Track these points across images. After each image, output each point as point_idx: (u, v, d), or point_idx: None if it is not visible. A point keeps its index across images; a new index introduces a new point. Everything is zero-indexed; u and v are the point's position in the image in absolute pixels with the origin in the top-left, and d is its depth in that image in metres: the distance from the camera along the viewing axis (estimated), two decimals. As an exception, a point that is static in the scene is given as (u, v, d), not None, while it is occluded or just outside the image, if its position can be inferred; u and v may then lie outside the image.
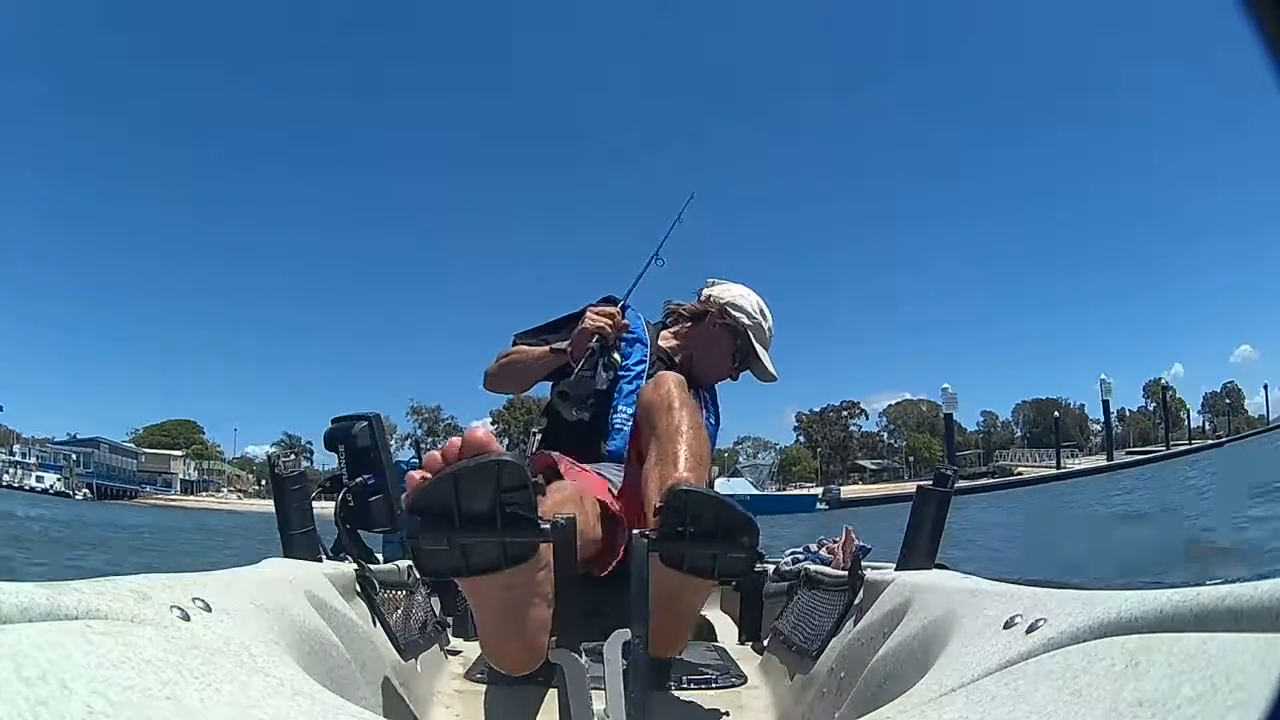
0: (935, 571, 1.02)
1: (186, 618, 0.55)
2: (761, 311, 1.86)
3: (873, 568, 1.18)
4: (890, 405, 63.62)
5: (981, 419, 64.61)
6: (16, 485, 45.05)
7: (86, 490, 48.40)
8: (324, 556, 1.14)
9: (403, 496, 0.80)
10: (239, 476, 61.17)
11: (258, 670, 0.52)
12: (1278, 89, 0.35)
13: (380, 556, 1.35)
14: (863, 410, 62.35)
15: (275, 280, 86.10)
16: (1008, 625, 0.61)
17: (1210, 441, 42.34)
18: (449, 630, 1.60)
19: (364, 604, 1.09)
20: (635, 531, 0.97)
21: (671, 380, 1.35)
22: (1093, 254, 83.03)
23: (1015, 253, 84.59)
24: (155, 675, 0.43)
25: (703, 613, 1.81)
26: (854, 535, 1.50)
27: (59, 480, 47.71)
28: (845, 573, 1.25)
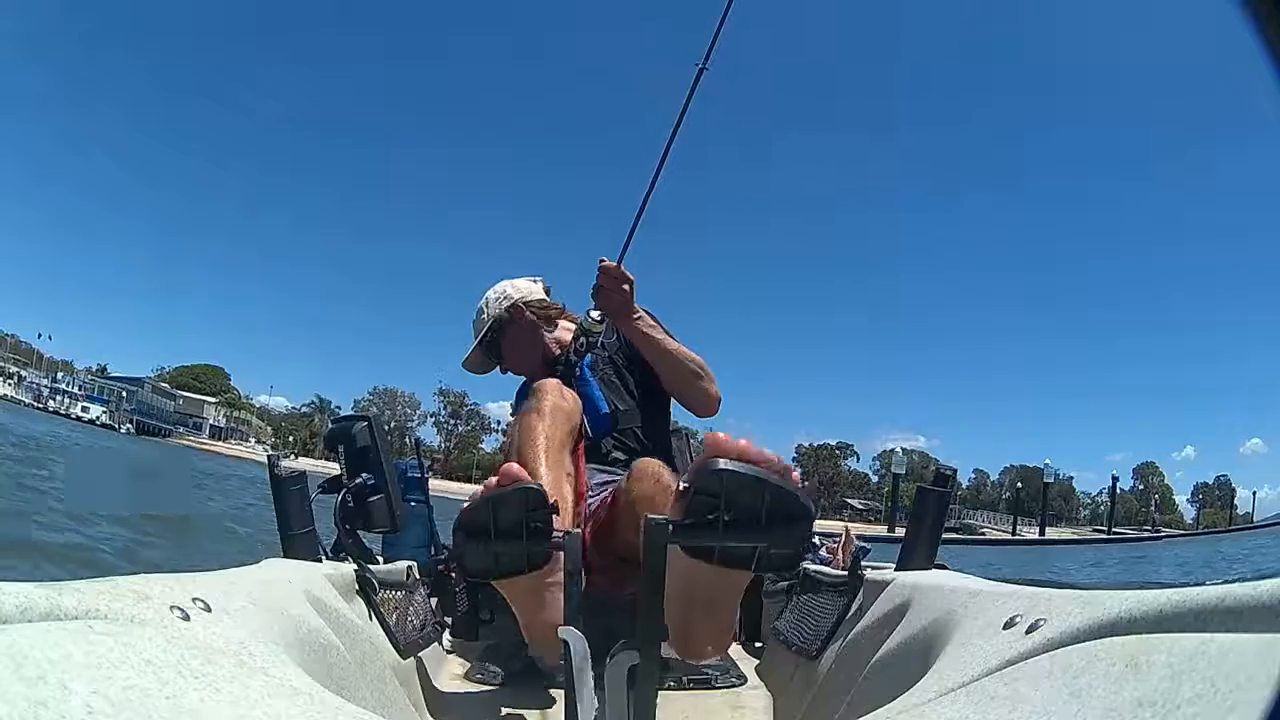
0: (935, 571, 1.02)
1: (186, 618, 0.55)
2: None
3: (873, 568, 1.18)
4: (884, 450, 65.47)
5: (974, 476, 65.96)
6: (64, 413, 46.73)
7: (129, 425, 50.11)
8: (324, 556, 1.14)
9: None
10: (262, 429, 62.86)
11: (258, 670, 0.52)
12: (1278, 89, 0.35)
13: (380, 557, 1.35)
14: (855, 452, 64.67)
15: (331, 246, 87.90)
16: (1008, 625, 0.61)
17: (1149, 534, 44.90)
18: (449, 631, 1.60)
19: (364, 604, 1.09)
20: (649, 516, 0.79)
21: (653, 464, 1.26)
22: (1129, 322, 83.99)
23: (1049, 314, 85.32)
24: (155, 675, 0.43)
25: None
26: (854, 535, 1.50)
27: (104, 413, 49.72)
28: (845, 573, 1.25)
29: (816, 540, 1.69)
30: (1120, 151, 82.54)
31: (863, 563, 1.23)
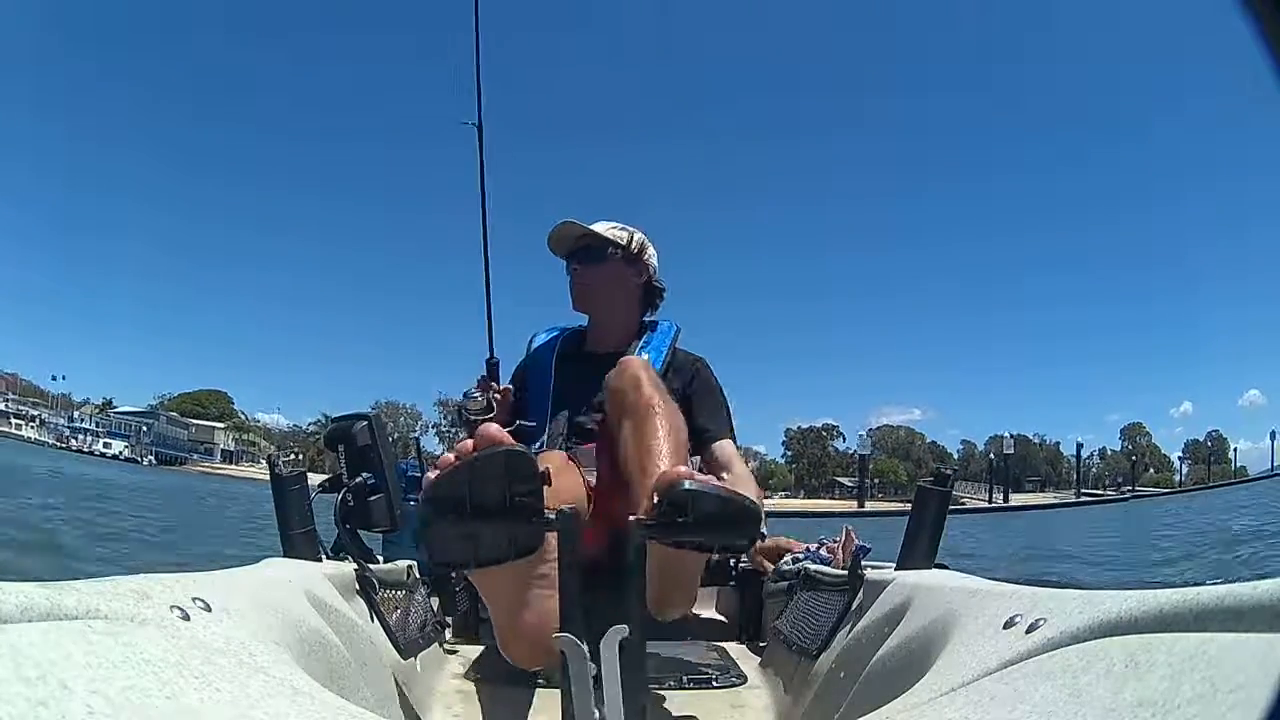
0: (935, 571, 1.02)
1: (186, 618, 0.55)
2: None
3: (873, 567, 1.18)
4: (872, 429, 67.11)
5: (961, 447, 66.68)
6: (86, 450, 48.35)
7: (151, 458, 52.00)
8: (324, 556, 1.14)
9: (421, 489, 0.85)
10: (270, 449, 63.74)
11: (258, 670, 0.52)
12: (1278, 89, 0.35)
13: (380, 557, 1.35)
14: (841, 433, 66.09)
15: (323, 259, 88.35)
16: (1008, 625, 0.61)
17: (1113, 495, 47.14)
18: (449, 630, 1.60)
19: (364, 604, 1.09)
20: (631, 518, 0.90)
21: (636, 363, 1.32)
22: (1122, 281, 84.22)
23: (1041, 278, 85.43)
24: (155, 675, 0.43)
25: (702, 614, 1.82)
26: (854, 535, 1.50)
27: (126, 448, 51.41)
28: (845, 572, 1.25)
29: (813, 546, 1.70)
30: (1118, 108, 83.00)
31: (863, 562, 1.23)
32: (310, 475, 1.18)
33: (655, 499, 0.89)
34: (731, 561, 1.80)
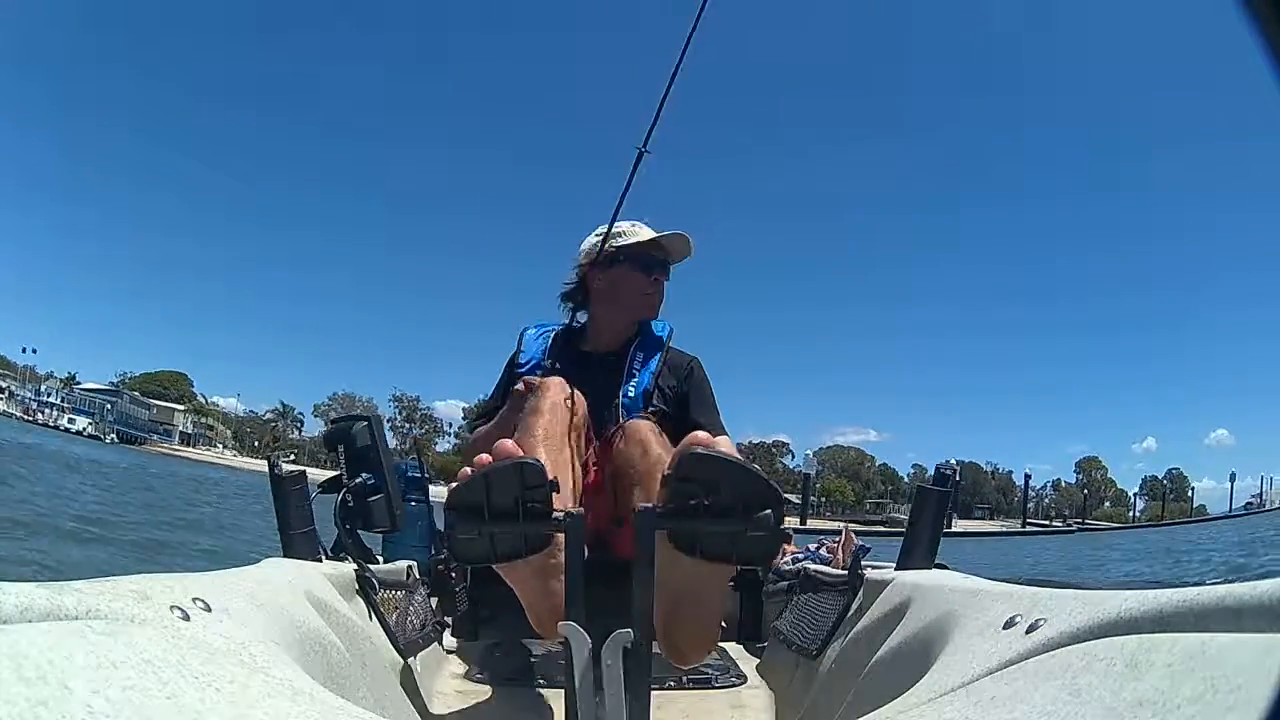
0: (935, 571, 1.02)
1: (186, 618, 0.55)
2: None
3: (872, 567, 1.18)
4: (821, 448, 67.20)
5: (913, 471, 66.37)
6: (52, 425, 49.31)
7: (113, 435, 52.50)
8: (324, 556, 1.14)
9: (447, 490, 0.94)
10: (226, 434, 65.23)
11: (258, 670, 0.52)
12: (1278, 89, 0.35)
13: (380, 557, 1.35)
14: (791, 450, 65.80)
15: (297, 247, 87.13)
16: (1008, 625, 0.61)
17: (1059, 527, 47.95)
18: (448, 630, 1.60)
19: (364, 604, 1.09)
20: (641, 506, 0.87)
21: (643, 427, 1.36)
22: (1091, 313, 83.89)
23: (1010, 307, 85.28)
24: (155, 675, 0.43)
25: None
26: (853, 535, 1.50)
27: (90, 424, 52.19)
28: (845, 572, 1.25)
29: (813, 546, 1.70)
30: (1094, 146, 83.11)
31: (863, 562, 1.23)
32: (268, 463, 1.18)
33: (673, 465, 0.86)
34: None
